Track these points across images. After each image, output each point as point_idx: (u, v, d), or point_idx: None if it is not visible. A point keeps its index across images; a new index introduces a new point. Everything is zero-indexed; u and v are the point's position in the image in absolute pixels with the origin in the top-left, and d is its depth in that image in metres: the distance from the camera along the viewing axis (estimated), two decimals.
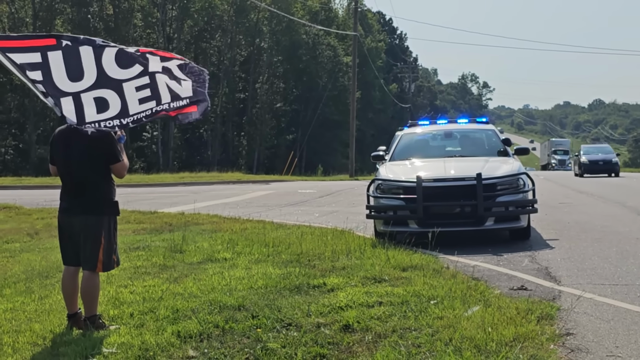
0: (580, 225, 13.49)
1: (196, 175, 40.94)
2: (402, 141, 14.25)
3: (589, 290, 7.75)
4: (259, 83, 67.27)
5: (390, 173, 12.15)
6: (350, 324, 6.27)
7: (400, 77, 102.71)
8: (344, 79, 73.07)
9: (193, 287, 7.93)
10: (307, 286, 7.81)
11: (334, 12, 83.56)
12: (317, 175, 50.65)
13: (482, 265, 9.49)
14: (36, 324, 6.64)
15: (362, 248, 10.20)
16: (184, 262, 9.61)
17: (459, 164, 12.43)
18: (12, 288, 8.42)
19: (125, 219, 14.57)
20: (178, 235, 11.74)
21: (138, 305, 7.12)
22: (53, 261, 9.81)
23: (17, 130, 55.90)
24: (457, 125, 15.12)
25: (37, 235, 13.15)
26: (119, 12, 60.63)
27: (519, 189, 11.49)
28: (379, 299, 7.09)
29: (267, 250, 10.32)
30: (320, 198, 23.03)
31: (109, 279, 8.40)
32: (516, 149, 13.72)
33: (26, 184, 33.70)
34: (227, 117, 66.73)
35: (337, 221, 14.24)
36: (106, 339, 6.01)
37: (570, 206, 17.67)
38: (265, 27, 69.64)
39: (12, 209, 17.97)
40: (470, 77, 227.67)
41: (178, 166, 57.56)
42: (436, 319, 6.35)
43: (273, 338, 5.98)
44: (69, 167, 6.43)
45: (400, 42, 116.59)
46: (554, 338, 5.88)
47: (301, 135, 70.66)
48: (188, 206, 18.44)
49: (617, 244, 11.09)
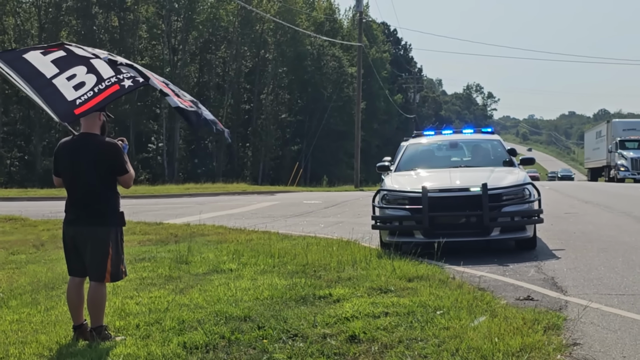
0: (586, 235, 13.46)
1: (201, 187, 40.96)
2: (407, 151, 14.25)
3: (596, 300, 7.73)
4: (264, 94, 67.37)
5: (395, 183, 12.15)
6: (356, 335, 6.26)
7: (405, 88, 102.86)
8: (349, 89, 73.10)
9: (199, 298, 7.92)
10: (313, 297, 7.80)
11: (338, 23, 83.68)
12: (322, 186, 50.64)
13: (488, 276, 9.47)
14: (42, 335, 6.64)
15: (367, 259, 10.19)
16: (190, 273, 9.61)
17: (464, 174, 12.43)
18: (18, 299, 8.42)
19: (131, 230, 14.58)
20: (184, 246, 11.74)
21: (144, 317, 7.11)
22: (59, 272, 9.81)
23: (22, 142, 56.00)
24: (463, 136, 15.12)
25: (43, 247, 13.16)
26: (124, 24, 60.81)
27: (524, 199, 11.48)
28: (385, 310, 7.08)
29: (272, 261, 10.31)
30: (326, 209, 23.02)
31: (114, 290, 8.40)
32: (522, 159, 13.72)
33: (32, 195, 33.73)
34: (232, 128, 66.66)
35: (343, 232, 14.22)
36: (112, 350, 6.01)
37: (576, 216, 17.64)
38: (270, 38, 69.72)
39: (18, 221, 18.00)
40: (475, 88, 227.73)
41: (183, 177, 57.61)
42: (442, 330, 6.34)
43: (279, 349, 5.97)
44: (76, 179, 6.43)
45: (405, 53, 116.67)
46: (561, 348, 5.87)
47: (306, 146, 70.66)
48: (193, 217, 18.45)
49: (623, 253, 11.07)
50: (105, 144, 6.43)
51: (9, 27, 57.77)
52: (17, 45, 56.28)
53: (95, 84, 6.15)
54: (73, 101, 6.02)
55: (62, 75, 6.19)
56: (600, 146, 55.37)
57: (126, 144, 6.78)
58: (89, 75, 6.20)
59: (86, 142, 6.40)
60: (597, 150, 57.64)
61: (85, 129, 6.46)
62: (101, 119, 6.54)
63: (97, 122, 6.49)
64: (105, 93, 6.15)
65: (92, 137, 6.44)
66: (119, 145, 6.51)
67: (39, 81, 6.12)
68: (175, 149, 60.76)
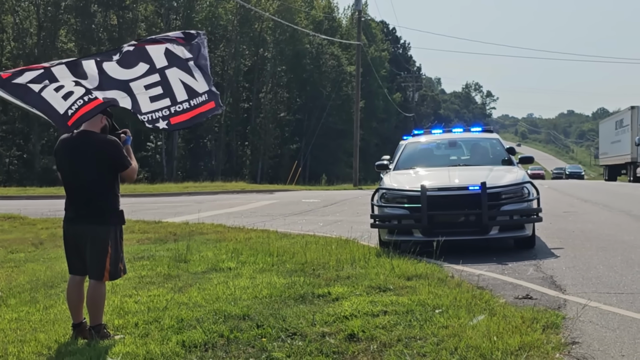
0: (585, 234, 13.47)
1: (200, 185, 40.96)
2: (406, 150, 14.24)
3: (595, 299, 7.73)
4: (262, 92, 67.36)
5: (394, 182, 12.15)
6: (355, 333, 6.26)
7: (403, 87, 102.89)
8: (348, 88, 73.13)
9: (197, 296, 7.92)
10: (312, 295, 7.80)
11: (337, 21, 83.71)
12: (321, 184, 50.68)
13: (487, 274, 9.47)
14: (41, 333, 6.64)
15: (366, 257, 10.19)
16: (189, 272, 9.61)
17: (463, 172, 12.43)
18: (17, 298, 8.41)
19: (130, 229, 14.58)
20: (182, 244, 11.74)
21: (143, 315, 7.11)
22: (58, 271, 9.81)
23: (21, 140, 55.96)
24: (462, 135, 15.11)
25: (42, 245, 13.16)
26: (123, 23, 60.76)
27: (523, 197, 11.48)
28: (384, 308, 7.08)
29: (271, 259, 10.31)
30: (325, 207, 23.02)
31: (113, 288, 8.40)
32: (520, 157, 13.70)
33: (30, 194, 33.72)
34: (231, 126, 66.79)
35: (342, 230, 14.23)
36: (111, 348, 6.01)
37: (574, 215, 17.65)
38: (269, 37, 69.69)
39: (16, 219, 17.99)
40: (474, 86, 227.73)
41: (182, 176, 57.60)
42: (441, 328, 6.34)
43: (278, 347, 5.97)
44: (75, 177, 6.43)
45: (404, 52, 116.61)
46: (560, 347, 5.87)
47: (305, 144, 70.65)
48: (192, 216, 18.45)
49: (622, 252, 11.07)
50: (104, 141, 6.41)
51: (8, 26, 57.69)
52: (16, 44, 56.33)
53: (85, 94, 6.15)
54: (65, 113, 6.01)
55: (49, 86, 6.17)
56: (622, 138, 46.96)
57: (129, 136, 6.77)
58: (77, 88, 6.19)
59: (85, 140, 6.38)
60: (617, 143, 48.79)
61: (86, 127, 6.45)
62: (103, 122, 6.52)
63: (98, 124, 6.47)
64: (97, 102, 6.16)
65: (91, 134, 6.42)
66: (118, 142, 6.49)
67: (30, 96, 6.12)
68: (174, 147, 60.74)
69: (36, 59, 54.67)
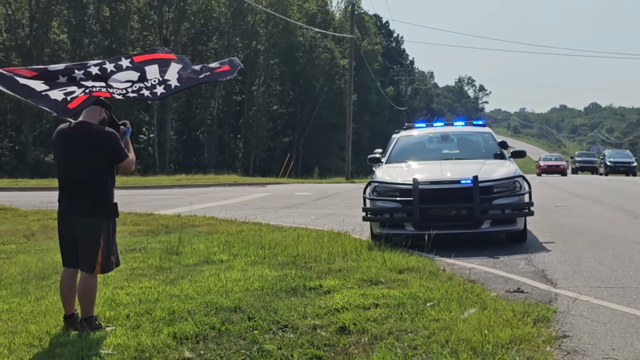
0: (576, 228, 13.51)
1: (192, 178, 40.87)
2: (398, 144, 14.25)
3: (585, 293, 7.76)
4: (255, 85, 67.27)
5: (386, 175, 12.15)
6: (346, 326, 6.28)
7: (396, 80, 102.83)
8: (341, 81, 73.06)
9: (189, 288, 7.92)
10: (304, 288, 7.81)
11: (330, 14, 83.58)
12: (313, 177, 50.57)
13: (479, 268, 9.49)
14: (32, 325, 6.64)
15: (358, 250, 10.20)
16: (180, 264, 9.61)
17: (455, 166, 12.44)
18: (8, 289, 8.40)
19: (122, 221, 14.52)
20: (174, 237, 11.72)
21: (134, 307, 7.11)
22: (49, 262, 9.80)
23: (13, 131, 55.77)
24: (454, 128, 15.11)
25: (34, 237, 13.13)
26: (116, 14, 60.54)
27: (515, 191, 11.51)
28: (375, 301, 7.09)
29: (263, 252, 10.31)
30: (317, 200, 23.02)
31: (105, 280, 8.39)
32: (512, 152, 13.73)
33: (22, 185, 33.62)
34: (224, 119, 66.70)
35: (334, 223, 14.23)
36: (102, 340, 6.01)
37: (566, 209, 17.69)
38: (262, 30, 69.58)
39: (8, 211, 17.94)
40: (467, 80, 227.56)
41: (174, 168, 57.47)
42: (432, 321, 6.36)
43: (269, 340, 5.98)
44: (69, 168, 6.40)
45: (397, 45, 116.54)
46: (550, 340, 5.89)
47: (297, 137, 70.62)
48: (184, 208, 18.43)
49: (613, 246, 11.11)
50: (101, 133, 6.38)
51: (0, 17, 57.42)
52: (8, 35, 56.08)
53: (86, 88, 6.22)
54: (64, 99, 6.04)
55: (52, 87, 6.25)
56: None
57: (128, 127, 6.77)
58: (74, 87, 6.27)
59: (82, 131, 6.36)
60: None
61: (84, 119, 6.44)
62: (102, 115, 6.50)
63: (97, 116, 6.45)
64: (98, 93, 6.27)
65: (89, 125, 6.40)
66: (115, 134, 6.46)
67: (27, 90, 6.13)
68: (166, 139, 60.62)
69: (28, 50, 54.57)
